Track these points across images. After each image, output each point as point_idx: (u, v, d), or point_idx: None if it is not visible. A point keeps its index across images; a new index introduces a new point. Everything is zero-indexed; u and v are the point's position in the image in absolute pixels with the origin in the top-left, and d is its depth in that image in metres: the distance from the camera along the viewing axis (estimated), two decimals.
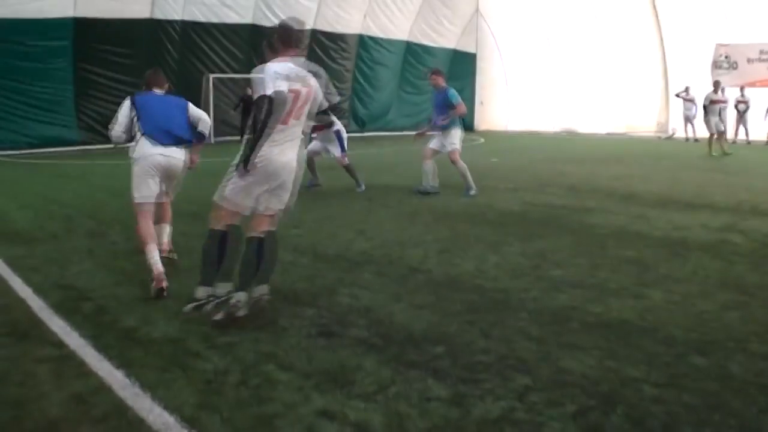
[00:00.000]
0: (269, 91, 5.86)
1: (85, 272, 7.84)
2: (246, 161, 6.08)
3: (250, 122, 6.06)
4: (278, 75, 5.99)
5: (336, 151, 15.44)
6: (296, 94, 6.11)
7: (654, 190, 14.57)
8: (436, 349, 5.36)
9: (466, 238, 9.63)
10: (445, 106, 14.93)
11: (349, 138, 16.03)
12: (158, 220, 8.32)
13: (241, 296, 6.04)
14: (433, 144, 15.24)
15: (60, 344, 5.54)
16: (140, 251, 7.58)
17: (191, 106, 8.39)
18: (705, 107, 26.05)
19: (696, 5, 33.84)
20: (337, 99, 7.24)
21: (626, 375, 4.86)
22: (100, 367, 5.06)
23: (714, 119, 25.49)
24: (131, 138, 8.01)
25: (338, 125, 15.53)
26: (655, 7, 36.02)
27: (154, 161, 7.78)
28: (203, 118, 8.50)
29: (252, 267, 6.22)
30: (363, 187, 15.01)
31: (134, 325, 5.96)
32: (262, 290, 6.13)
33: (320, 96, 6.53)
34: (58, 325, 5.98)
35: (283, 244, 9.11)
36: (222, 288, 6.23)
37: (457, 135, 15.08)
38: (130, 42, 28.05)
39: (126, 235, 9.98)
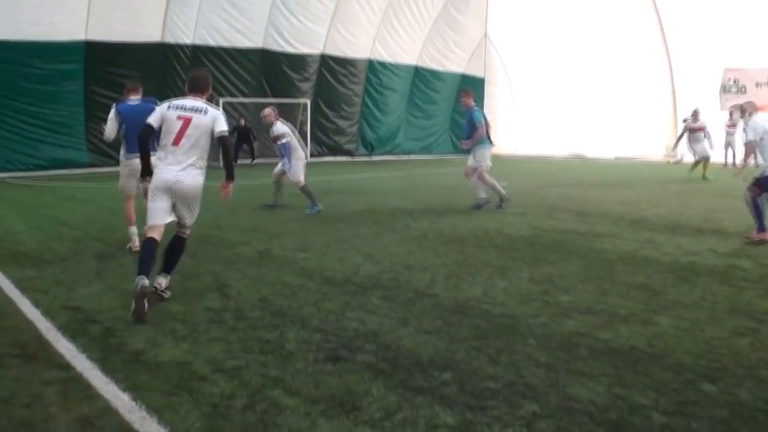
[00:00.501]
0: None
1: (93, 294, 7.85)
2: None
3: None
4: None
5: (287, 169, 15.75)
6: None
7: (662, 215, 14.54)
8: (444, 375, 5.34)
9: (474, 263, 9.62)
10: (470, 126, 16.22)
11: (356, 162, 16.12)
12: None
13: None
14: (470, 162, 16.59)
15: (67, 366, 5.54)
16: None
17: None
18: (685, 135, 26.08)
19: (704, 30, 33.85)
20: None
21: (635, 402, 4.84)
22: (107, 390, 5.06)
23: (698, 146, 25.55)
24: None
25: (286, 139, 15.64)
26: (663, 31, 36.05)
27: (132, 166, 10.38)
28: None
29: None
30: (316, 209, 15.04)
31: (141, 348, 5.95)
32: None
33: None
34: (65, 347, 5.99)
35: (291, 267, 9.16)
36: None
37: (483, 153, 16.30)
38: (141, 65, 28.14)
39: (134, 258, 9.99)
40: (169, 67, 29.52)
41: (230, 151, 8.11)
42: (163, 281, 7.68)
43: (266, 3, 32.01)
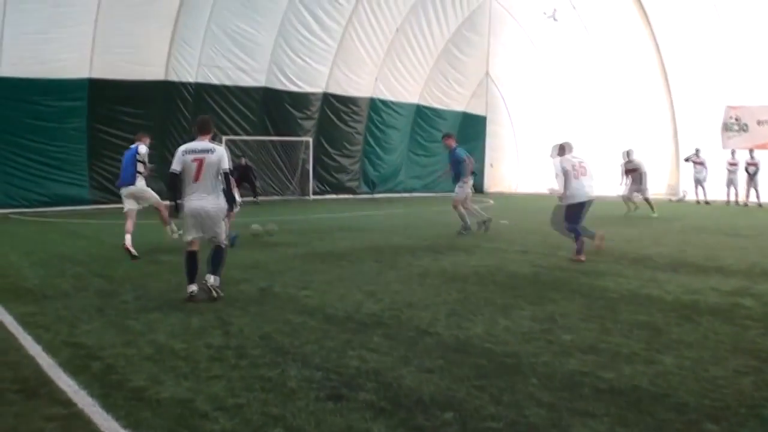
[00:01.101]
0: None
1: (95, 331, 7.84)
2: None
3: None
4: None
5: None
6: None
7: (665, 253, 14.52)
8: (445, 414, 5.31)
9: (476, 301, 9.59)
10: (456, 164, 18.55)
11: (359, 200, 16.37)
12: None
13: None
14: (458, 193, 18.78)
15: (68, 403, 5.52)
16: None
17: (139, 152, 15.41)
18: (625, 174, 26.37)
19: (705, 67, 34.02)
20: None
21: None
22: (108, 427, 5.04)
23: (635, 187, 25.84)
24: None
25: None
26: (664, 69, 36.22)
27: (126, 191, 15.36)
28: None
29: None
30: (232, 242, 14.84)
31: (142, 385, 5.93)
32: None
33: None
34: (66, 383, 5.97)
35: (293, 305, 9.15)
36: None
37: (463, 187, 18.65)
38: (144, 103, 28.39)
39: (136, 294, 10.02)
40: (173, 105, 29.72)
41: (230, 185, 10.21)
42: (211, 278, 9.82)
43: (269, 42, 32.28)
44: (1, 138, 25.24)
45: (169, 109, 29.68)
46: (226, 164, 9.92)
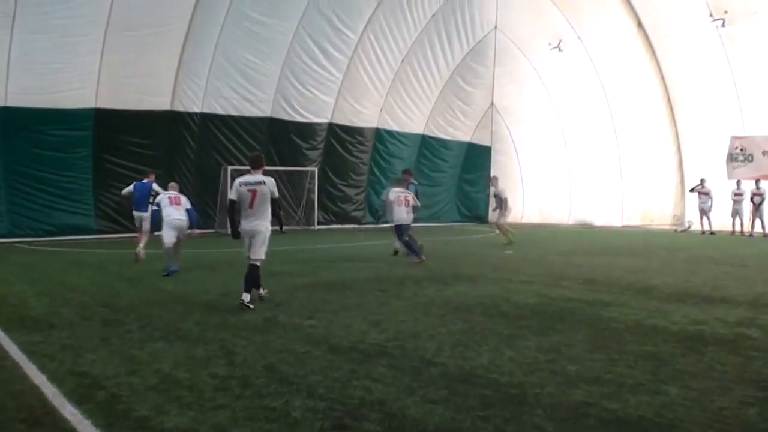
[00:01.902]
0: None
1: (100, 360, 7.84)
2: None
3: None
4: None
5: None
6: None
7: (670, 284, 14.49)
8: None
9: (481, 331, 9.57)
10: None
11: (364, 230, 16.56)
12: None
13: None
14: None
15: None
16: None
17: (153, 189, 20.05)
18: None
19: (711, 98, 34.08)
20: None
21: None
22: None
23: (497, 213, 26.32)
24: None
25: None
26: (669, 100, 36.28)
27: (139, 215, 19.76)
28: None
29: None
30: (171, 270, 16.15)
31: (147, 415, 5.93)
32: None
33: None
34: (71, 412, 5.98)
35: (297, 334, 9.15)
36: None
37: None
38: (150, 133, 28.51)
39: (141, 323, 10.03)
40: (178, 135, 29.83)
41: (278, 210, 12.29)
42: (246, 296, 11.40)
43: (275, 72, 32.41)
44: (8, 167, 25.35)
45: (175, 139, 29.78)
46: (276, 192, 11.99)
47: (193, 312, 11.01)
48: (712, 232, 32.51)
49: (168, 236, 16.33)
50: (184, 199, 17.05)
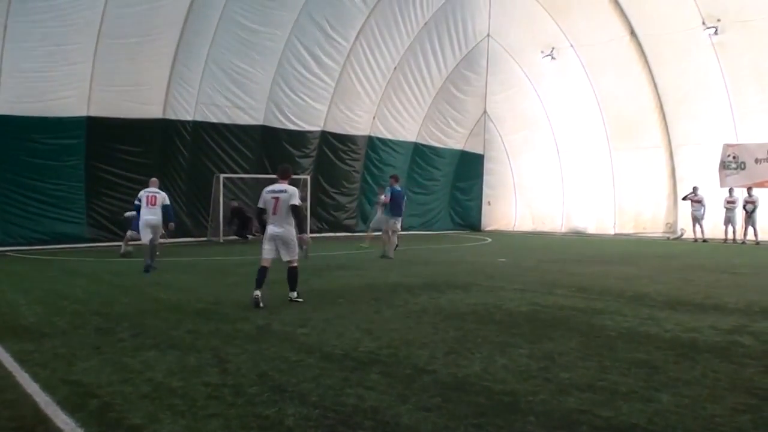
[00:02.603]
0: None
1: (92, 368, 7.82)
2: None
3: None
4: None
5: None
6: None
7: (663, 291, 14.51)
8: None
9: (474, 339, 9.57)
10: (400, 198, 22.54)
11: (356, 238, 16.77)
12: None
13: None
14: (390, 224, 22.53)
15: None
16: None
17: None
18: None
19: (703, 105, 34.11)
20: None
21: None
22: None
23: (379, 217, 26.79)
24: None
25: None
26: (662, 107, 36.26)
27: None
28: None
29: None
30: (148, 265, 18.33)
31: (140, 423, 5.91)
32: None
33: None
34: (63, 421, 5.95)
35: (290, 342, 9.15)
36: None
37: (396, 220, 22.15)
38: (142, 141, 28.50)
39: (133, 332, 10.01)
40: (170, 143, 29.81)
41: (299, 215, 13.18)
42: (293, 294, 13.07)
43: (267, 80, 32.41)
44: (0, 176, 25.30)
45: (167, 147, 29.75)
46: (297, 201, 12.91)
47: (185, 320, 10.99)
48: (704, 240, 32.60)
49: (144, 235, 18.54)
50: (160, 198, 18.82)
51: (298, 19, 32.06)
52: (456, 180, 43.92)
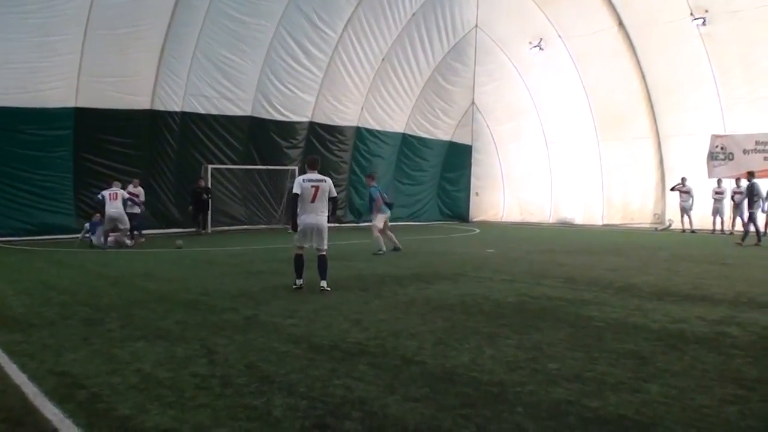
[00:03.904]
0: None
1: (80, 359, 7.80)
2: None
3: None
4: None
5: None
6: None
7: (651, 282, 14.53)
8: None
9: (462, 330, 9.58)
10: (370, 200, 22.49)
11: (344, 228, 16.98)
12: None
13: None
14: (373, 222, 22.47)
15: None
16: None
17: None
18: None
19: (691, 96, 34.15)
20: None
21: None
22: None
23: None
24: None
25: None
26: (650, 98, 36.29)
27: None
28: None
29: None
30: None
31: (128, 414, 5.90)
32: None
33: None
34: (52, 412, 5.94)
35: (278, 333, 9.13)
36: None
37: (378, 217, 22.07)
38: (130, 132, 28.43)
39: (121, 322, 9.99)
40: (159, 134, 29.75)
41: (335, 206, 14.08)
42: (323, 283, 13.22)
43: (255, 71, 32.37)
44: None
45: (156, 138, 29.71)
46: (335, 192, 13.64)
47: (173, 311, 10.97)
48: (692, 231, 32.67)
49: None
50: (120, 195, 23.26)
51: (286, 10, 32.03)
52: (444, 171, 43.95)
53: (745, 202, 26.83)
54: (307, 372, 7.27)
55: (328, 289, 13.04)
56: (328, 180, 13.53)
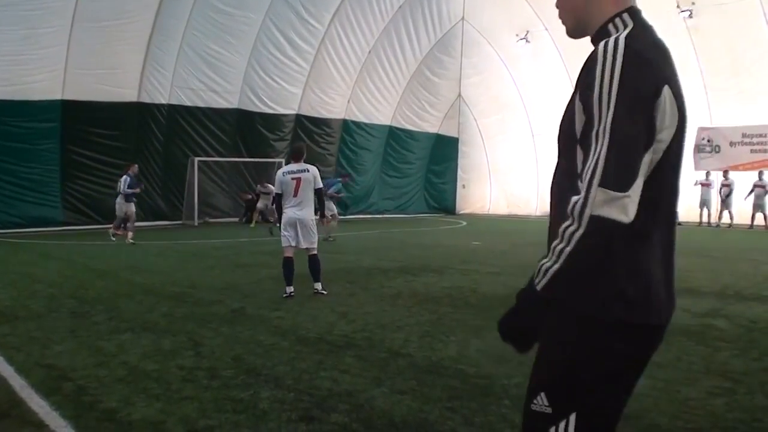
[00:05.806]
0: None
1: (67, 352, 7.79)
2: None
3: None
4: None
5: None
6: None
7: None
8: None
9: (449, 322, 9.60)
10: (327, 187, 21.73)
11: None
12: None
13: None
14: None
15: (40, 424, 5.48)
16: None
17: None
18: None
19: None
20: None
21: None
22: None
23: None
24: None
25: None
26: None
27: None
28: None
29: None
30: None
31: (114, 406, 5.90)
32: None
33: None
34: (38, 404, 5.93)
35: (265, 326, 9.13)
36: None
37: (331, 207, 22.03)
38: (117, 125, 28.30)
39: (108, 315, 9.97)
40: (146, 127, 29.64)
41: (322, 198, 12.69)
42: (318, 285, 12.03)
43: (242, 64, 32.28)
44: None
45: (143, 131, 29.58)
46: (320, 183, 12.42)
47: (160, 304, 10.96)
48: (679, 223, 32.49)
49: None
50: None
51: (273, 2, 31.92)
52: (431, 163, 43.94)
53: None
54: (293, 364, 7.27)
55: (324, 292, 11.93)
56: (312, 169, 12.20)
